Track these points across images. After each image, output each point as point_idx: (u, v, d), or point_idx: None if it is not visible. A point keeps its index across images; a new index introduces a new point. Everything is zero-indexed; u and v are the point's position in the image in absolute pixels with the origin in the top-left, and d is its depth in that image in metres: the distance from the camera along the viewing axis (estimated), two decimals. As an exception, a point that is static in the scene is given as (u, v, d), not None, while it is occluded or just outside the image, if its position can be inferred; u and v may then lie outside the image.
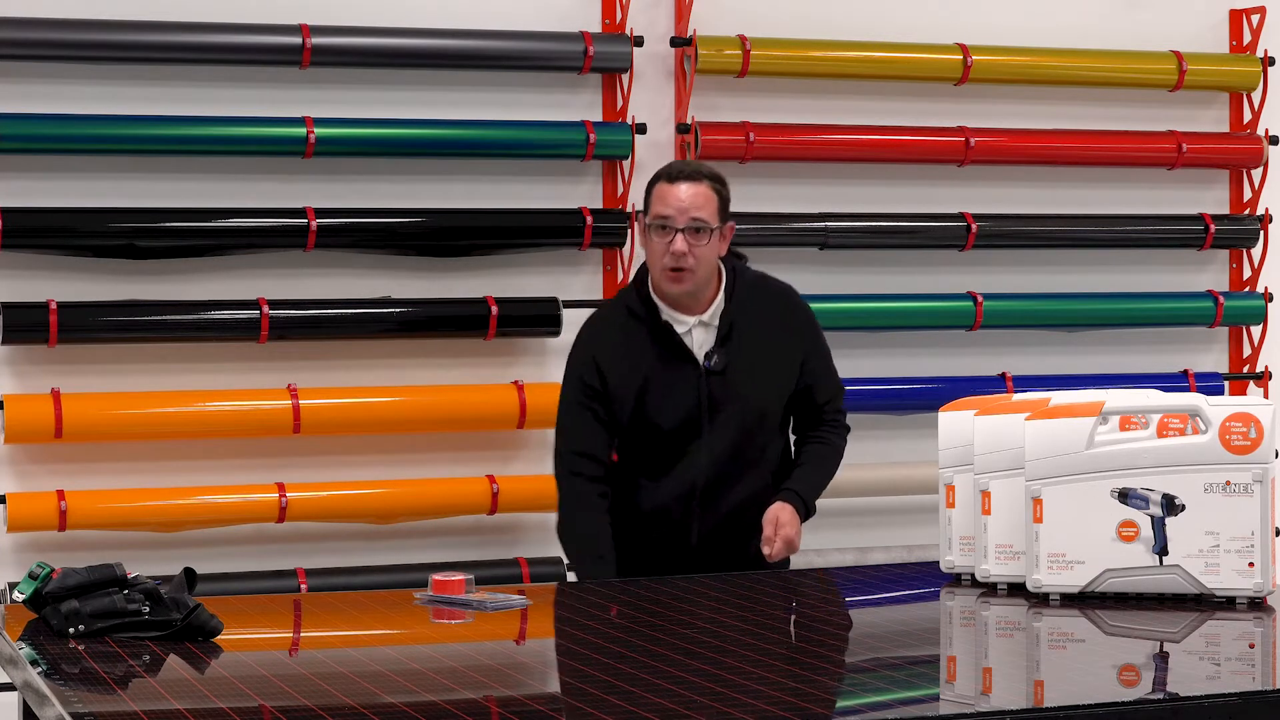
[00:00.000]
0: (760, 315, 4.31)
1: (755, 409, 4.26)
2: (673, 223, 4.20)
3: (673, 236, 4.19)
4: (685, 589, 3.95)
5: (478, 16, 5.65)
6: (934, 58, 6.01)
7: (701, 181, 4.24)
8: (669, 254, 4.19)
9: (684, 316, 4.27)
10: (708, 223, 4.21)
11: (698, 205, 4.21)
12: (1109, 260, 6.34)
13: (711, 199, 4.24)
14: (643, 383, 4.26)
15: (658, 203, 4.24)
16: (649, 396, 4.26)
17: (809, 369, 4.34)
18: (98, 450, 5.35)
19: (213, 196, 5.44)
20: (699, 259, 4.20)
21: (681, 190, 4.22)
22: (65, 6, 5.29)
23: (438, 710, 2.79)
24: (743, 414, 4.26)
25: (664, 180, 4.26)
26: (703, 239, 4.20)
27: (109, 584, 3.31)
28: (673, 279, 4.21)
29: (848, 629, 3.65)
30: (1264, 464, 3.52)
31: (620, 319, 4.33)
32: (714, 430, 4.25)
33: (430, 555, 5.60)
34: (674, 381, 4.26)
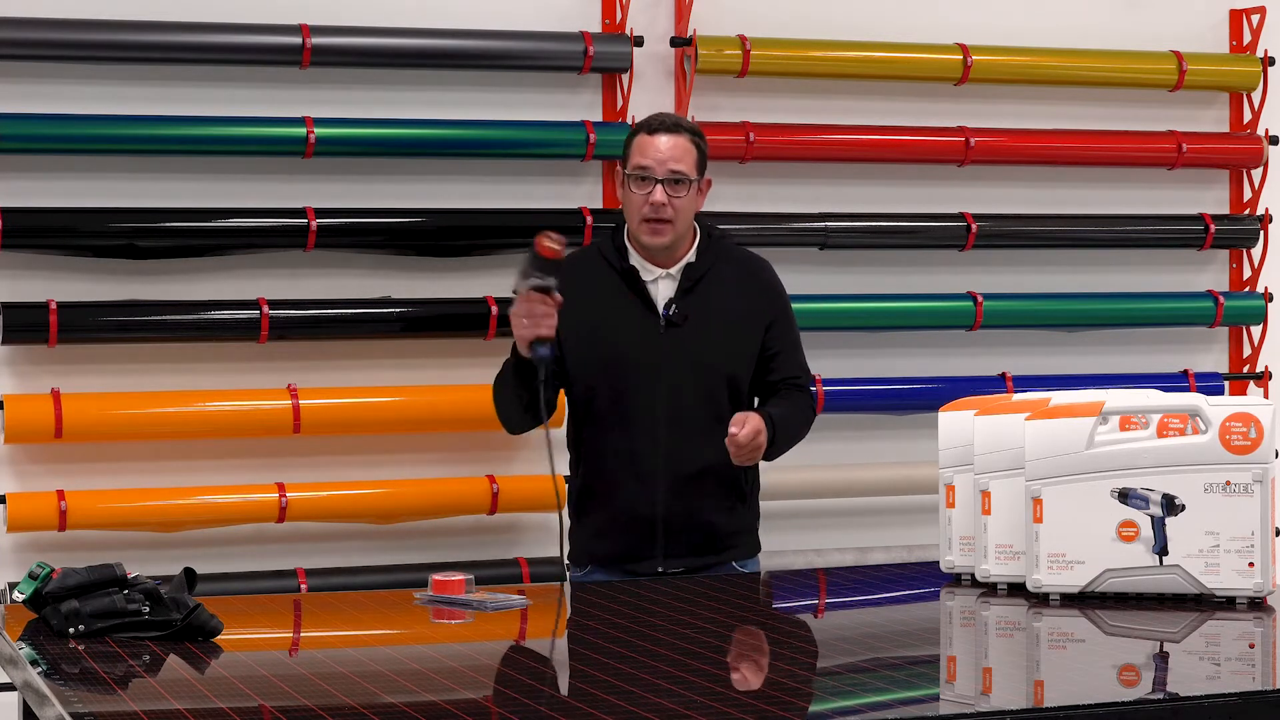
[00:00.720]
0: (728, 276, 4.34)
1: (713, 364, 4.27)
2: (652, 173, 4.24)
3: (652, 188, 4.23)
4: (685, 589, 3.95)
5: (478, 16, 5.65)
6: (934, 58, 6.01)
7: (681, 134, 4.28)
8: (648, 204, 4.23)
9: (653, 267, 4.31)
10: (687, 174, 4.25)
11: (677, 157, 4.25)
12: (1109, 260, 6.34)
13: (691, 151, 4.28)
14: (599, 322, 4.30)
15: (637, 153, 4.27)
16: (605, 337, 4.29)
17: (773, 338, 4.34)
18: (98, 450, 5.35)
19: (213, 196, 5.44)
20: (678, 210, 4.24)
21: (661, 142, 4.26)
22: (65, 6, 5.28)
23: (438, 710, 2.79)
24: (700, 367, 4.27)
25: (644, 132, 4.30)
26: (681, 191, 4.24)
27: (109, 584, 3.31)
28: (651, 230, 4.25)
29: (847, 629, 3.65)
30: (1264, 464, 3.52)
31: (591, 259, 4.39)
32: (670, 379, 4.27)
33: (430, 555, 5.60)
34: (632, 326, 4.29)
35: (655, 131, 4.28)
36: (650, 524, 4.30)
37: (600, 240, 4.45)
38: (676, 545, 4.29)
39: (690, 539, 4.30)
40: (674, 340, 4.27)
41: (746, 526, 4.40)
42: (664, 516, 4.30)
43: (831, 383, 5.84)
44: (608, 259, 4.35)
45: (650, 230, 4.24)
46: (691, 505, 4.29)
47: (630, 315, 4.30)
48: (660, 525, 4.30)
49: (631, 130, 4.34)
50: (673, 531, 4.30)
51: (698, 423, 4.27)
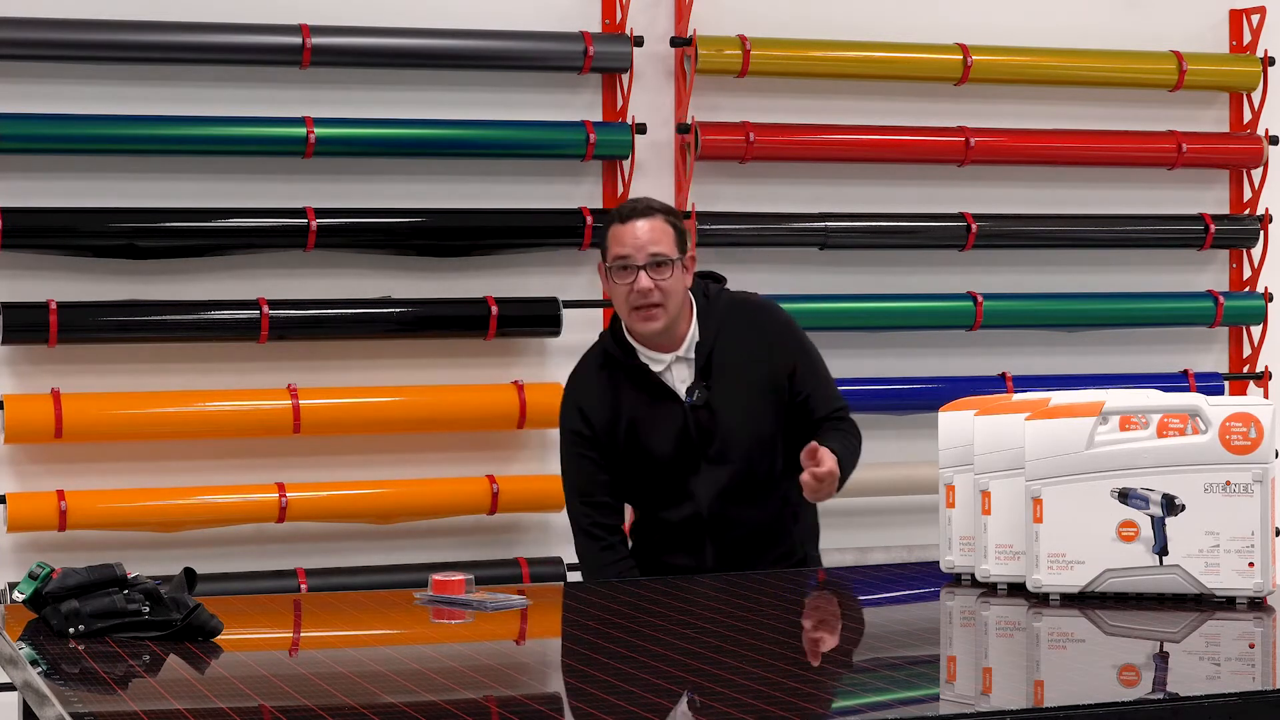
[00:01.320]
0: (738, 339, 4.27)
1: (748, 436, 4.24)
2: (632, 261, 4.17)
3: (635, 275, 4.16)
4: (685, 589, 3.95)
5: (478, 16, 5.65)
6: (934, 58, 6.01)
7: (654, 216, 4.21)
8: (634, 293, 4.17)
9: (660, 355, 4.25)
10: (667, 255, 4.17)
11: (655, 240, 4.18)
12: (1109, 260, 6.34)
13: (668, 232, 4.20)
14: (629, 425, 4.25)
15: (614, 244, 4.20)
16: (638, 438, 4.25)
17: (799, 381, 4.28)
18: (98, 450, 5.35)
19: (213, 196, 5.44)
20: (666, 293, 4.17)
21: (637, 228, 4.18)
22: (65, 6, 5.28)
23: (438, 710, 2.79)
24: (735, 443, 4.24)
25: (616, 222, 4.22)
26: (665, 273, 4.17)
27: (109, 584, 3.31)
28: (643, 318, 4.18)
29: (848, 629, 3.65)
30: (1264, 464, 3.52)
31: (599, 364, 4.32)
32: (710, 463, 4.25)
33: (430, 555, 5.60)
34: (659, 421, 4.24)
35: (628, 219, 4.20)
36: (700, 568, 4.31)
37: (602, 338, 4.38)
38: None
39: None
40: (702, 424, 4.24)
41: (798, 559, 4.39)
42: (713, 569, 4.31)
43: (831, 383, 5.84)
44: (614, 358, 4.29)
45: (642, 317, 4.19)
46: (743, 561, 4.31)
47: (655, 410, 4.25)
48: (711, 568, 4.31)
49: (606, 223, 4.27)
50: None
51: (739, 492, 4.27)
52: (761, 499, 4.28)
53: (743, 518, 4.28)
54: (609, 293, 4.28)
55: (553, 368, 5.72)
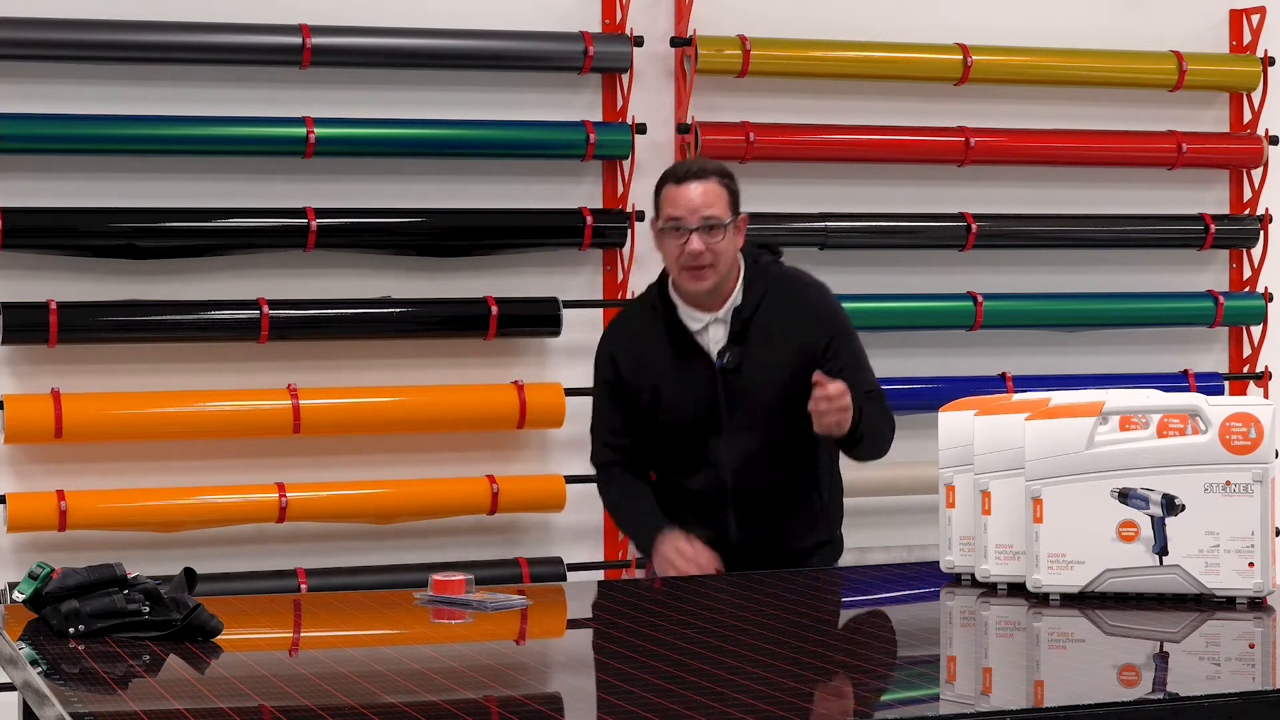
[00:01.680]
0: (779, 309, 4.28)
1: (773, 404, 4.24)
2: (685, 224, 4.19)
3: (687, 237, 4.19)
4: (685, 589, 3.95)
5: (478, 16, 5.65)
6: (934, 58, 6.02)
7: (709, 178, 4.23)
8: (685, 254, 4.19)
9: (700, 313, 4.27)
10: (720, 219, 4.20)
11: (708, 203, 4.20)
12: (1109, 260, 6.34)
13: (721, 194, 4.23)
14: (657, 380, 4.28)
15: (668, 205, 4.22)
16: (663, 394, 4.28)
17: (833, 358, 4.28)
18: (98, 450, 5.35)
19: (213, 196, 5.44)
20: (717, 255, 4.20)
21: (690, 190, 4.20)
22: (65, 6, 5.29)
23: (438, 710, 2.79)
24: (761, 410, 4.25)
25: (671, 182, 4.24)
26: (717, 235, 4.20)
27: (109, 584, 3.31)
28: (692, 277, 4.21)
29: (848, 629, 3.65)
30: (1264, 464, 3.52)
31: (640, 315, 4.37)
32: (734, 427, 4.25)
33: (430, 555, 5.60)
34: (688, 379, 4.26)
35: (683, 180, 4.22)
36: (725, 548, 4.31)
37: (649, 290, 4.41)
38: (752, 566, 4.30)
39: (765, 560, 4.31)
40: (730, 387, 4.25)
41: (823, 539, 4.38)
42: (737, 544, 4.31)
43: (831, 383, 5.84)
44: (656, 311, 4.32)
45: (692, 276, 4.21)
46: (764, 533, 4.31)
47: (684, 367, 4.27)
48: (735, 550, 4.31)
49: (659, 181, 4.27)
50: (748, 554, 4.30)
51: (764, 462, 4.27)
52: (785, 470, 4.28)
53: (765, 488, 4.28)
54: (659, 249, 4.30)
55: (553, 368, 5.72)
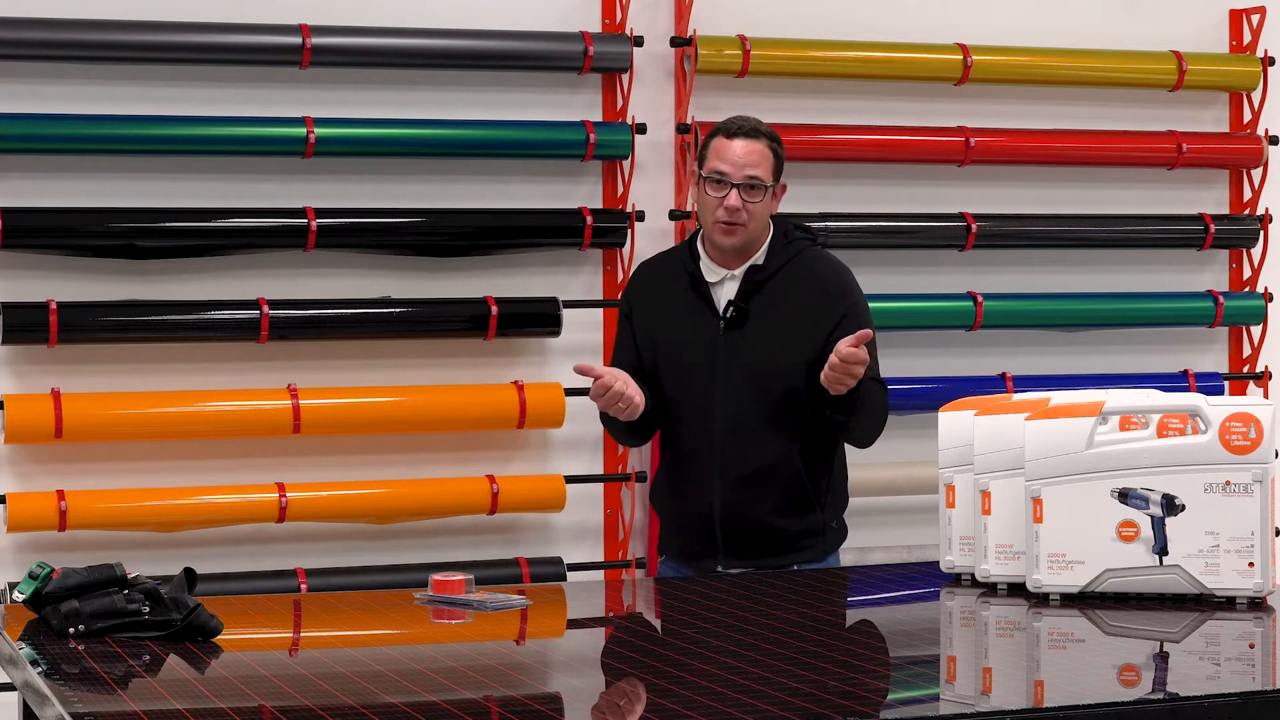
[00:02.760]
0: (797, 279, 4.33)
1: (769, 366, 4.26)
2: (728, 178, 4.26)
3: (728, 191, 4.25)
4: (685, 589, 3.95)
5: (477, 16, 5.65)
6: (934, 58, 6.01)
7: (759, 139, 4.29)
8: (722, 208, 4.25)
9: (719, 269, 4.34)
10: (763, 180, 4.26)
11: (754, 162, 4.26)
12: (1109, 260, 6.34)
13: (768, 156, 4.29)
14: (664, 323, 4.36)
15: (714, 157, 4.29)
16: (667, 338, 4.35)
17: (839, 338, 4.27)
18: (98, 450, 5.35)
19: (213, 196, 5.44)
20: (752, 214, 4.27)
21: (738, 146, 4.27)
22: (65, 6, 5.28)
23: (438, 710, 2.79)
24: (757, 369, 4.27)
25: (722, 135, 4.31)
26: (756, 196, 4.26)
27: (109, 584, 3.31)
28: (725, 231, 4.27)
29: (848, 629, 3.65)
30: (1264, 464, 3.52)
31: (668, 262, 4.48)
32: (727, 381, 4.28)
33: (430, 555, 5.60)
34: (692, 327, 4.32)
35: (734, 135, 4.28)
36: (709, 524, 4.31)
37: (683, 243, 4.50)
38: (737, 546, 4.30)
39: (750, 540, 4.30)
40: (731, 342, 4.27)
41: (814, 529, 4.36)
42: (721, 518, 4.31)
43: (831, 383, 5.84)
44: (682, 260, 4.41)
45: (724, 230, 4.27)
46: (749, 507, 4.30)
47: (691, 316, 4.33)
48: (718, 526, 4.31)
49: (710, 132, 4.34)
50: (731, 532, 4.30)
51: (753, 425, 4.27)
52: (777, 441, 4.28)
53: (753, 454, 4.28)
54: (696, 199, 4.37)
55: (553, 368, 5.72)
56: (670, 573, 4.39)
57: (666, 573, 4.41)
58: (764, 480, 4.29)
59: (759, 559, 4.30)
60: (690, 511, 4.33)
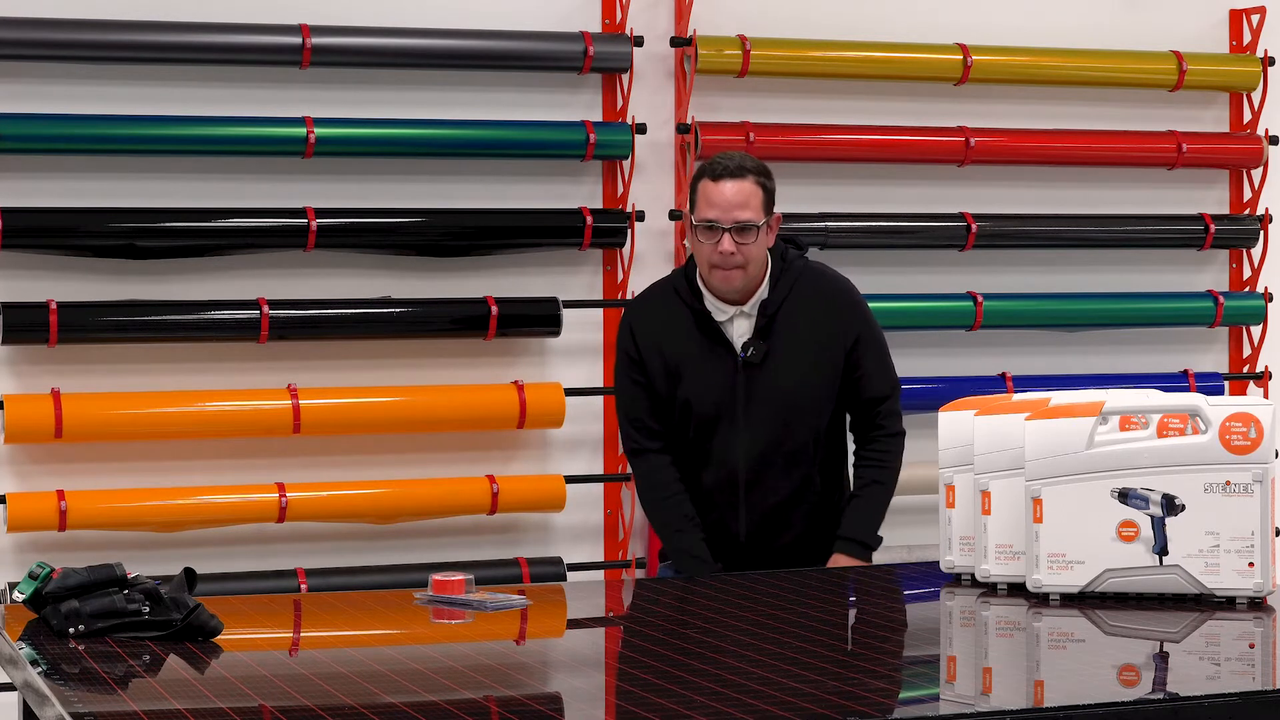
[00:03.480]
0: (805, 306, 4.30)
1: (792, 402, 4.25)
2: (719, 224, 4.19)
3: (720, 236, 4.19)
4: (685, 589, 3.95)
5: (478, 16, 5.65)
6: (934, 58, 6.01)
7: (746, 178, 4.22)
8: (717, 254, 4.19)
9: (725, 306, 4.28)
10: (753, 221, 4.20)
11: (742, 203, 4.19)
12: (1109, 260, 6.34)
13: (756, 193, 4.23)
14: (677, 366, 4.29)
15: (703, 203, 4.22)
16: (684, 380, 4.29)
17: (856, 362, 4.32)
18: (98, 450, 5.35)
19: (213, 196, 5.44)
20: (748, 256, 4.21)
21: (726, 189, 4.20)
22: (65, 6, 5.28)
23: (438, 710, 2.79)
24: (780, 406, 4.26)
25: (708, 178, 4.23)
26: (749, 237, 4.20)
27: (109, 584, 3.31)
28: (722, 278, 4.22)
29: (848, 629, 3.65)
30: (1264, 464, 3.52)
31: (664, 298, 4.36)
32: (750, 420, 4.26)
33: (430, 555, 5.60)
34: (709, 369, 4.27)
35: (719, 178, 4.21)
36: (736, 548, 4.34)
37: (675, 274, 4.41)
38: (764, 565, 4.31)
39: (777, 561, 4.32)
40: (751, 381, 4.25)
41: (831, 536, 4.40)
42: (748, 544, 4.33)
43: (831, 383, 5.84)
44: (681, 296, 4.32)
45: (721, 277, 4.22)
46: (776, 533, 4.33)
47: (707, 358, 4.28)
48: (746, 550, 4.33)
49: (696, 174, 4.27)
50: (758, 554, 4.32)
51: (778, 458, 4.28)
52: (801, 469, 4.30)
53: (779, 485, 4.29)
54: (689, 244, 4.31)
55: (553, 368, 5.72)
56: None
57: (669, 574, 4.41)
58: (790, 508, 4.32)
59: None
60: (716, 539, 4.33)
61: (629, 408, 4.37)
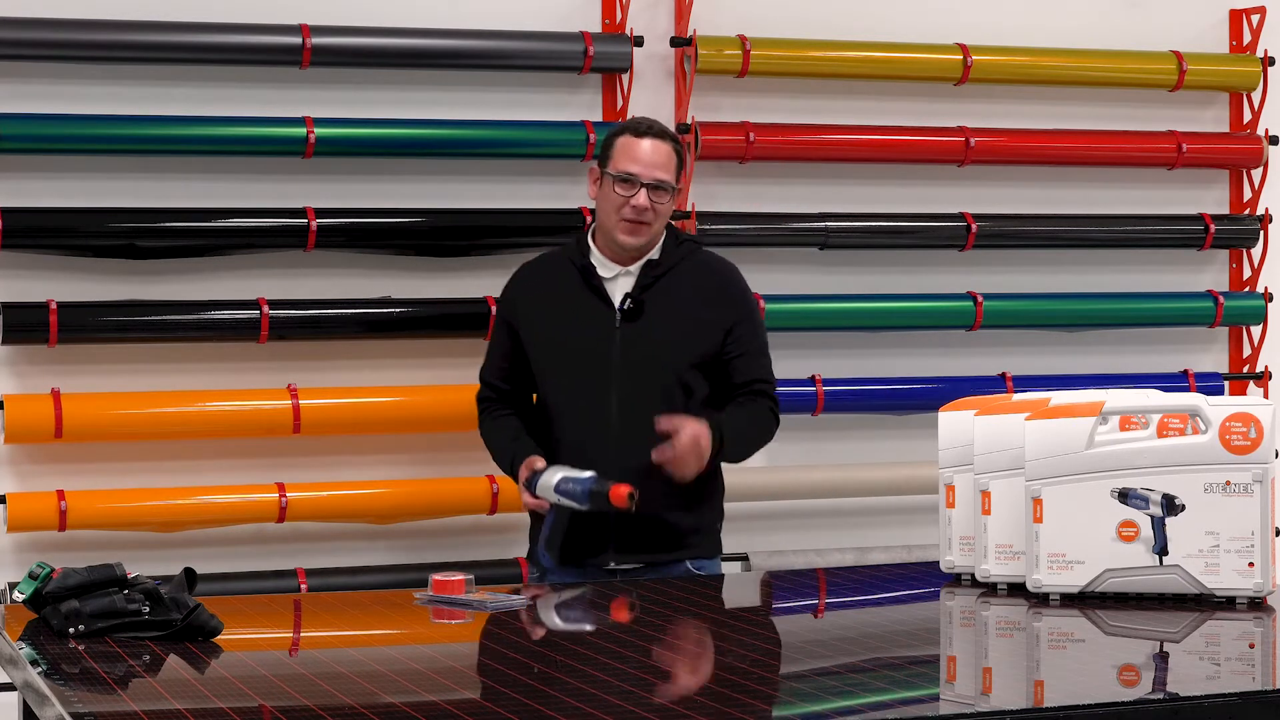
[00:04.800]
0: (691, 277, 4.40)
1: (668, 360, 4.28)
2: (638, 179, 4.32)
3: (637, 191, 4.32)
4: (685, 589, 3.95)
5: (478, 16, 5.65)
6: (934, 58, 6.01)
7: (667, 141, 4.41)
8: (630, 207, 4.32)
9: (612, 264, 4.39)
10: (670, 182, 4.35)
11: (662, 164, 4.37)
12: (1109, 260, 6.34)
13: (673, 159, 4.41)
14: (556, 320, 4.39)
15: (622, 157, 4.35)
16: (559, 333, 4.38)
17: (734, 341, 4.38)
18: (98, 450, 5.35)
19: (213, 196, 5.44)
20: (658, 215, 4.36)
21: (647, 146, 4.37)
22: (65, 6, 5.28)
23: (438, 710, 2.79)
24: (655, 366, 4.29)
25: (630, 134, 4.39)
26: (663, 197, 4.36)
27: (109, 584, 3.31)
28: (630, 230, 4.34)
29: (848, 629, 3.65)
30: (1264, 464, 3.52)
31: (550, 260, 4.54)
32: (625, 374, 4.31)
33: (430, 555, 5.60)
34: (586, 322, 4.36)
35: (642, 135, 4.38)
36: (602, 518, 4.29)
37: (566, 243, 4.55)
38: (629, 541, 4.30)
39: (643, 536, 4.30)
40: (628, 334, 4.32)
41: (705, 526, 4.39)
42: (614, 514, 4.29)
43: (831, 383, 5.84)
44: (570, 258, 4.45)
45: (628, 229, 4.34)
46: (644, 501, 4.27)
47: (585, 309, 4.38)
48: (612, 520, 4.29)
49: (615, 130, 4.43)
50: (625, 527, 4.29)
51: (650, 418, 4.27)
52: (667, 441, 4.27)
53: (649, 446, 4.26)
54: (596, 196, 4.41)
55: (553, 368, 5.71)
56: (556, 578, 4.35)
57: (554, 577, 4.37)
58: (662, 475, 4.28)
59: (650, 554, 4.31)
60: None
61: (486, 368, 4.58)
